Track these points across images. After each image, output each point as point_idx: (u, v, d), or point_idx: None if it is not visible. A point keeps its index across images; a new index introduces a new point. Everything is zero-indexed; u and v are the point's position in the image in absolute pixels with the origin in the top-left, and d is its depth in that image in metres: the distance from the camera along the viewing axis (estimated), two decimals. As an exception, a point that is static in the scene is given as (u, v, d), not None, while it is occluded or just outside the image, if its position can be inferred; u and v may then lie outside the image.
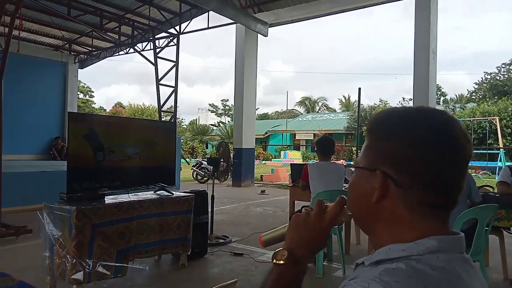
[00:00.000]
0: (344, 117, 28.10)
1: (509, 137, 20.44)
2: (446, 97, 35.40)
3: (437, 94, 21.77)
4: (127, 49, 14.32)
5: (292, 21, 12.34)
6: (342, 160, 20.36)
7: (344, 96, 40.68)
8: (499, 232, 3.88)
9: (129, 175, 3.80)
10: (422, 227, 0.66)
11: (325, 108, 42.71)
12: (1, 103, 5.14)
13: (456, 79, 58.22)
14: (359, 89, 9.24)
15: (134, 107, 38.22)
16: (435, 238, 0.64)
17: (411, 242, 0.64)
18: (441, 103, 31.63)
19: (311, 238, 0.79)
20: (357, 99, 9.79)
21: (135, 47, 13.08)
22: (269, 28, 11.74)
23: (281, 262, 0.77)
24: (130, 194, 3.76)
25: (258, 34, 11.93)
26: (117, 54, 14.98)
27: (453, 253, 0.65)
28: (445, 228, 0.68)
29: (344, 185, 4.19)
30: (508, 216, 3.44)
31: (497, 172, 14.46)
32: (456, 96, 34.85)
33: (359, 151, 12.68)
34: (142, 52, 12.92)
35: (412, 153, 0.66)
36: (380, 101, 32.36)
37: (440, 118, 0.69)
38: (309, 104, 42.93)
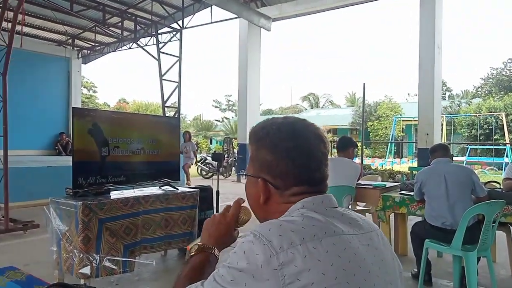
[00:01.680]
0: (349, 113, 27.98)
1: (515, 132, 20.29)
2: (452, 92, 35.19)
3: (442, 90, 21.63)
4: (130, 44, 14.31)
5: (296, 16, 12.26)
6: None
7: (349, 93, 40.48)
8: (506, 228, 3.85)
9: (134, 170, 3.80)
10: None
11: (329, 103, 42.56)
12: (5, 99, 5.15)
13: (462, 74, 57.79)
14: (364, 84, 9.16)
15: (138, 103, 38.22)
16: (300, 201, 0.85)
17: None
18: (446, 98, 31.41)
19: (218, 231, 1.00)
20: (361, 95, 9.73)
21: (138, 42, 13.05)
22: (272, 23, 11.68)
23: (193, 253, 0.97)
24: (135, 190, 3.77)
25: (262, 29, 11.87)
26: (120, 49, 14.97)
27: (315, 207, 0.83)
28: (314, 195, 0.87)
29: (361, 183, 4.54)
30: (515, 212, 3.42)
31: (503, 168, 14.37)
32: (462, 91, 34.62)
33: (364, 146, 12.42)
34: (145, 47, 12.91)
35: (277, 160, 0.86)
36: (385, 97, 32.21)
37: (294, 126, 0.89)
38: (313, 100, 42.78)
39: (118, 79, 69.82)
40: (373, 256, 0.82)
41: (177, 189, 4.05)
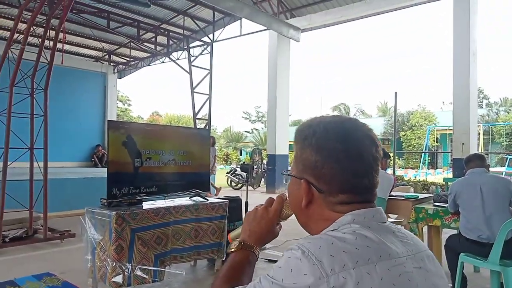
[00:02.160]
0: (381, 123, 27.46)
1: (559, 141, 19.21)
2: (489, 100, 33.81)
3: (479, 97, 20.80)
4: (163, 59, 14.73)
5: (325, 26, 12.24)
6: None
7: (380, 102, 39.71)
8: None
9: (166, 181, 3.89)
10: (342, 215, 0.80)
11: (361, 113, 41.91)
12: (46, 113, 5.42)
13: (501, 81, 55.44)
14: (395, 93, 8.99)
15: (170, 115, 39.12)
16: (350, 214, 0.78)
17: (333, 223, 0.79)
18: (483, 106, 30.21)
19: (259, 227, 0.97)
20: (393, 105, 9.55)
21: (171, 56, 13.43)
22: (301, 33, 11.72)
23: (233, 250, 0.95)
24: (166, 200, 3.86)
25: (291, 40, 11.93)
26: (154, 63, 15.44)
27: (367, 222, 0.77)
28: (363, 206, 0.80)
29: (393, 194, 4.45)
30: (559, 225, 3.23)
31: (546, 178, 13.57)
32: (500, 99, 33.19)
33: (396, 157, 12.05)
34: (177, 61, 13.25)
35: (322, 161, 0.79)
36: (418, 106, 31.37)
37: (344, 125, 0.82)
38: (344, 110, 42.28)
39: (151, 93, 71.71)
40: (424, 280, 0.77)
41: (207, 199, 4.11)
